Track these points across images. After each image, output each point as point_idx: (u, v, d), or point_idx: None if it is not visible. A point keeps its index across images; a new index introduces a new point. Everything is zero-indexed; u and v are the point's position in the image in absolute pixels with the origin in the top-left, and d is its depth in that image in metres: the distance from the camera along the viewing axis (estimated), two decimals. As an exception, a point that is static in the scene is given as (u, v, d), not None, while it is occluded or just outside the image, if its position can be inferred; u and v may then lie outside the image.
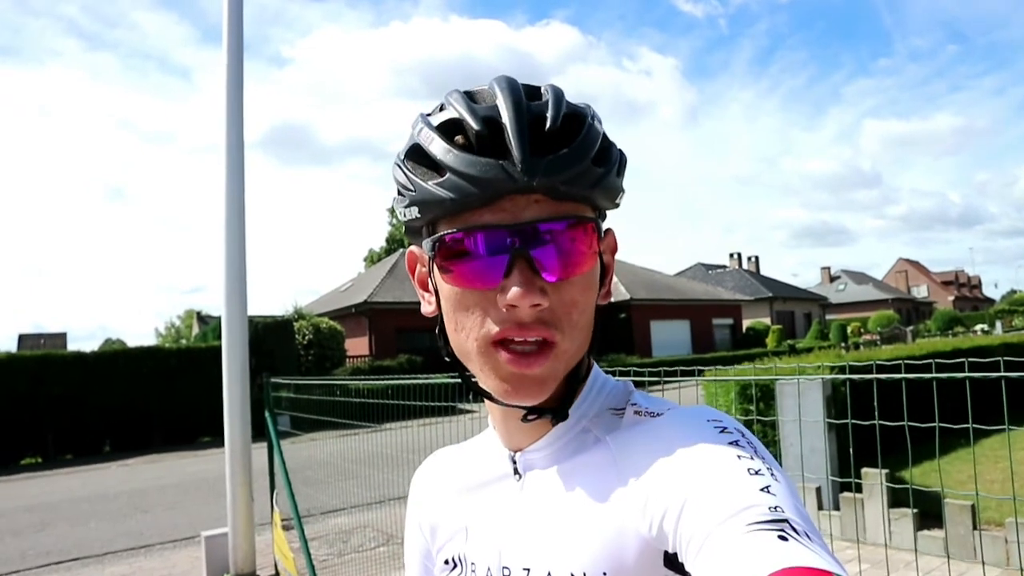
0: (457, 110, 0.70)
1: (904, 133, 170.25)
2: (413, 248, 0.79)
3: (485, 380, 0.72)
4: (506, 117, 0.68)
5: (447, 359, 0.77)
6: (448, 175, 0.67)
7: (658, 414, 0.74)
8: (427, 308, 0.78)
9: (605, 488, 0.70)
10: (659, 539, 0.64)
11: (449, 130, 0.70)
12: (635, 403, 0.78)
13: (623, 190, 0.76)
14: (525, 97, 0.70)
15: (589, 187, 0.69)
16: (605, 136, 0.73)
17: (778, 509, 0.56)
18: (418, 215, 0.71)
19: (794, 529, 0.54)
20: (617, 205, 0.76)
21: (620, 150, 0.76)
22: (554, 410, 0.74)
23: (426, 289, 0.78)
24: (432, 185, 0.68)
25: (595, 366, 0.82)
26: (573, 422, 0.77)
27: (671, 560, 0.64)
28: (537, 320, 0.68)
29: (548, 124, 0.68)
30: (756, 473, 0.60)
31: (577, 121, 0.71)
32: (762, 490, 0.58)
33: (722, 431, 0.67)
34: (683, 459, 0.65)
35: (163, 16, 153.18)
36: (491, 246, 0.67)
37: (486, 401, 0.78)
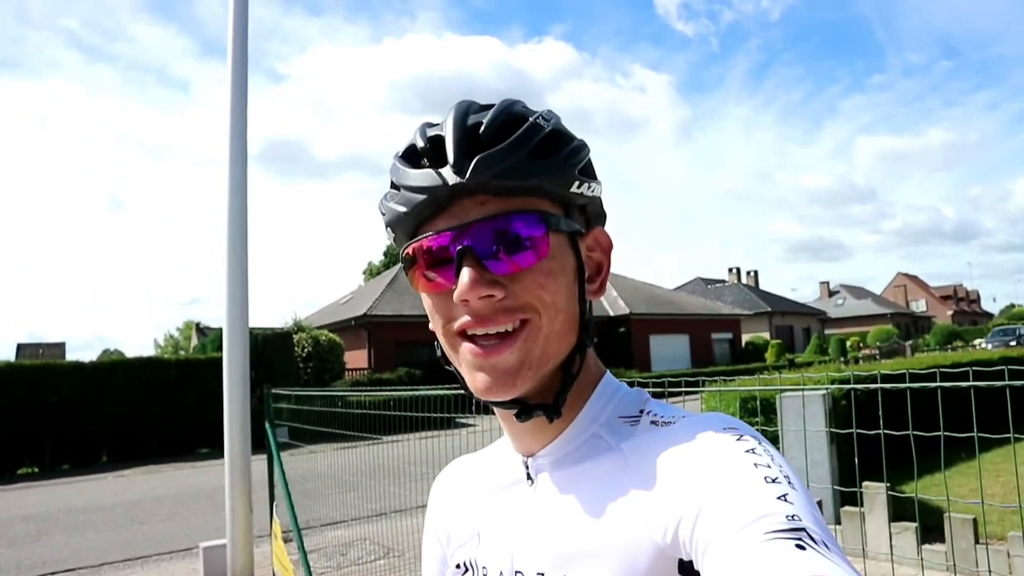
0: (414, 136, 0.77)
1: (897, 148, 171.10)
2: None
3: (465, 378, 0.75)
4: (447, 131, 0.73)
5: (447, 367, 0.80)
6: (401, 191, 0.74)
7: (672, 422, 0.74)
8: (431, 323, 0.81)
9: (618, 494, 0.70)
10: (673, 546, 0.63)
11: (410, 156, 0.76)
12: (649, 411, 0.78)
13: (579, 177, 0.75)
14: (474, 112, 0.75)
15: (525, 177, 0.71)
16: (556, 131, 0.75)
17: (795, 518, 0.56)
18: (393, 236, 0.78)
19: (812, 538, 0.54)
20: (577, 194, 0.75)
21: (579, 141, 0.76)
22: (545, 406, 0.74)
23: None
24: (392, 204, 0.75)
25: (607, 373, 0.82)
26: (584, 427, 0.77)
27: (685, 568, 0.63)
28: (498, 311, 0.71)
29: (483, 129, 0.72)
30: (773, 481, 0.60)
31: (516, 123, 0.74)
32: (779, 498, 0.58)
33: (739, 438, 0.66)
34: (699, 466, 0.65)
35: (162, 29, 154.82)
36: (441, 249, 0.72)
37: (495, 408, 0.78)
